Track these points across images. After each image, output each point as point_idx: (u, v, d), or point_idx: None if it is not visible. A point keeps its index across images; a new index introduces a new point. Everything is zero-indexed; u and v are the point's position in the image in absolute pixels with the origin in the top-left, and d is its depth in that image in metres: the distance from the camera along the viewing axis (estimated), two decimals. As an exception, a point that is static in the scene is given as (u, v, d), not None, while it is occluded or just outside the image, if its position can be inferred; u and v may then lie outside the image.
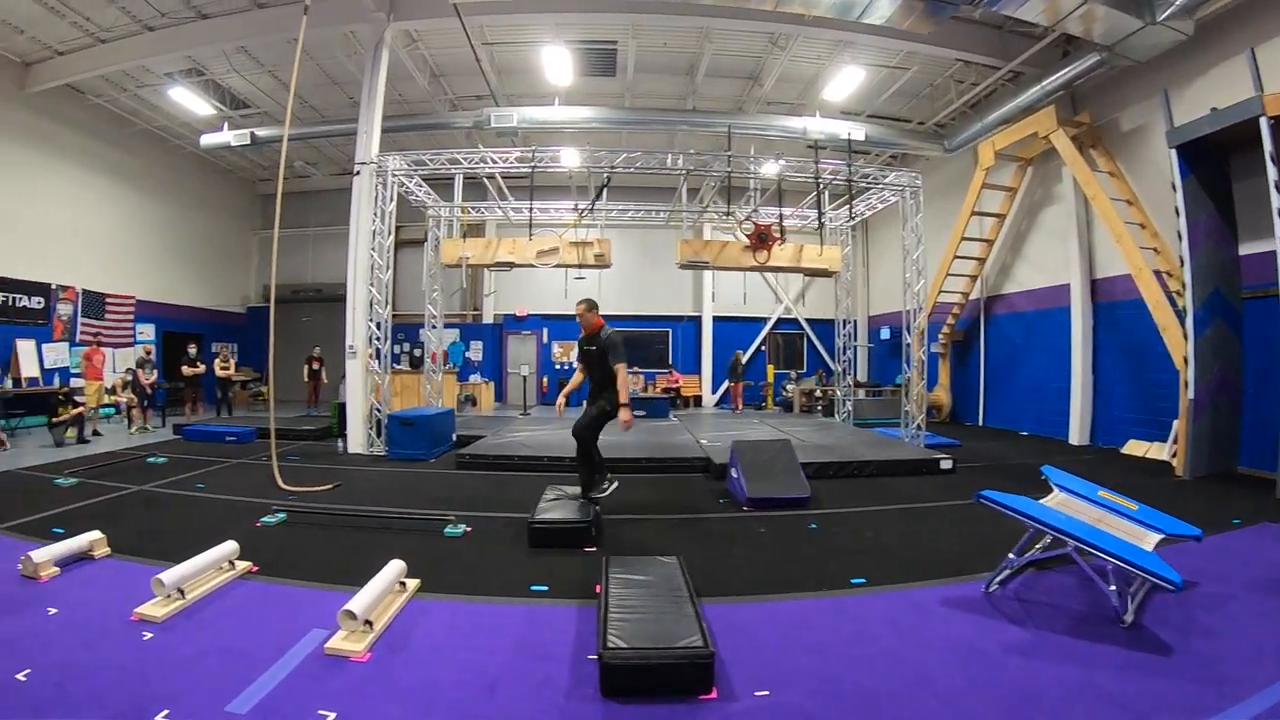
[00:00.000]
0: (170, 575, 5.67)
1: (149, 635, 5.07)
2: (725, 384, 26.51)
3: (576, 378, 9.18)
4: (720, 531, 8.28)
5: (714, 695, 4.22)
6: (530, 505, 8.54)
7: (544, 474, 11.45)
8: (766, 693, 4.27)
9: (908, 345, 15.81)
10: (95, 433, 16.22)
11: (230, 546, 6.61)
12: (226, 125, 20.29)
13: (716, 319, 26.96)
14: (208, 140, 20.55)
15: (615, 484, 8.52)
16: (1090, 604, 5.71)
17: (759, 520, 8.74)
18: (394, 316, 15.40)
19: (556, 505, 8.20)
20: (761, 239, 14.89)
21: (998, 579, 6.06)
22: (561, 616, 5.55)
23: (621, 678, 4.25)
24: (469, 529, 8.14)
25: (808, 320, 27.13)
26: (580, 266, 15.01)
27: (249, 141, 19.65)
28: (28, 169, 18.38)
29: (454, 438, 15.02)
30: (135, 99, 20.16)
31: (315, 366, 21.87)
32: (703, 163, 15.51)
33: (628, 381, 8.21)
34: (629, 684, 4.24)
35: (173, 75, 18.46)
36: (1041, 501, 6.40)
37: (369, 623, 5.11)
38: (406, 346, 24.33)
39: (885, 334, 23.99)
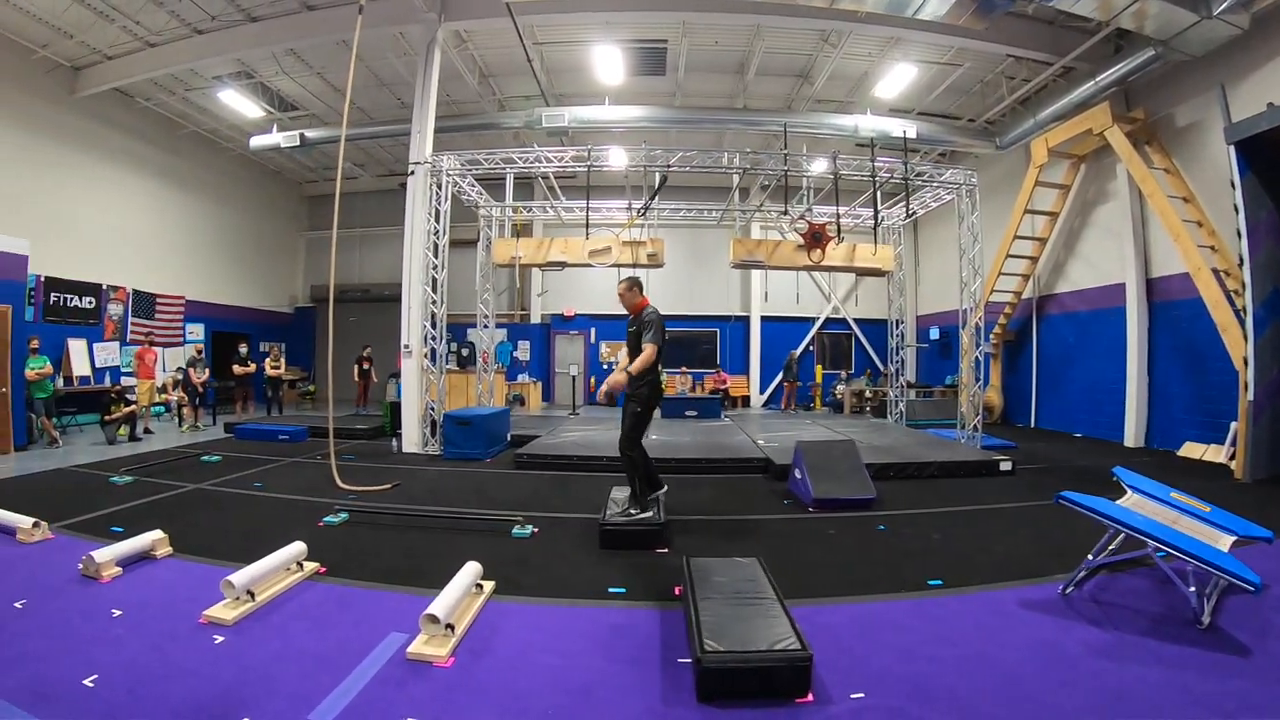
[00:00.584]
0: (240, 577, 5.48)
1: (220, 639, 4.87)
2: (775, 383, 26.21)
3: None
4: (789, 532, 8.04)
5: (810, 699, 4.07)
6: (593, 505, 8.52)
7: (602, 474, 11.20)
8: (862, 695, 4.12)
9: (963, 345, 15.23)
10: (147, 430, 16.20)
11: (298, 547, 6.42)
12: (275, 127, 20.24)
13: (765, 319, 26.58)
14: (257, 142, 20.47)
15: (649, 513, 7.77)
16: (1165, 605, 5.56)
17: (826, 521, 8.47)
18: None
19: (623, 508, 7.92)
20: (816, 238, 14.60)
21: (1074, 581, 5.89)
22: (643, 619, 5.35)
23: (718, 681, 4.08)
24: (536, 530, 7.90)
25: (856, 320, 26.73)
26: (634, 266, 14.68)
27: (299, 143, 19.53)
28: (78, 172, 18.35)
29: (508, 437, 14.79)
30: (184, 102, 20.16)
31: (365, 366, 21.77)
32: (757, 161, 15.11)
33: (649, 362, 7.47)
34: (726, 687, 4.08)
35: (221, 78, 18.41)
36: (1118, 503, 6.21)
37: (450, 626, 4.87)
38: (453, 346, 23.98)
39: (934, 334, 23.68)
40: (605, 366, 26.39)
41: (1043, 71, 16.52)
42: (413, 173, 14.24)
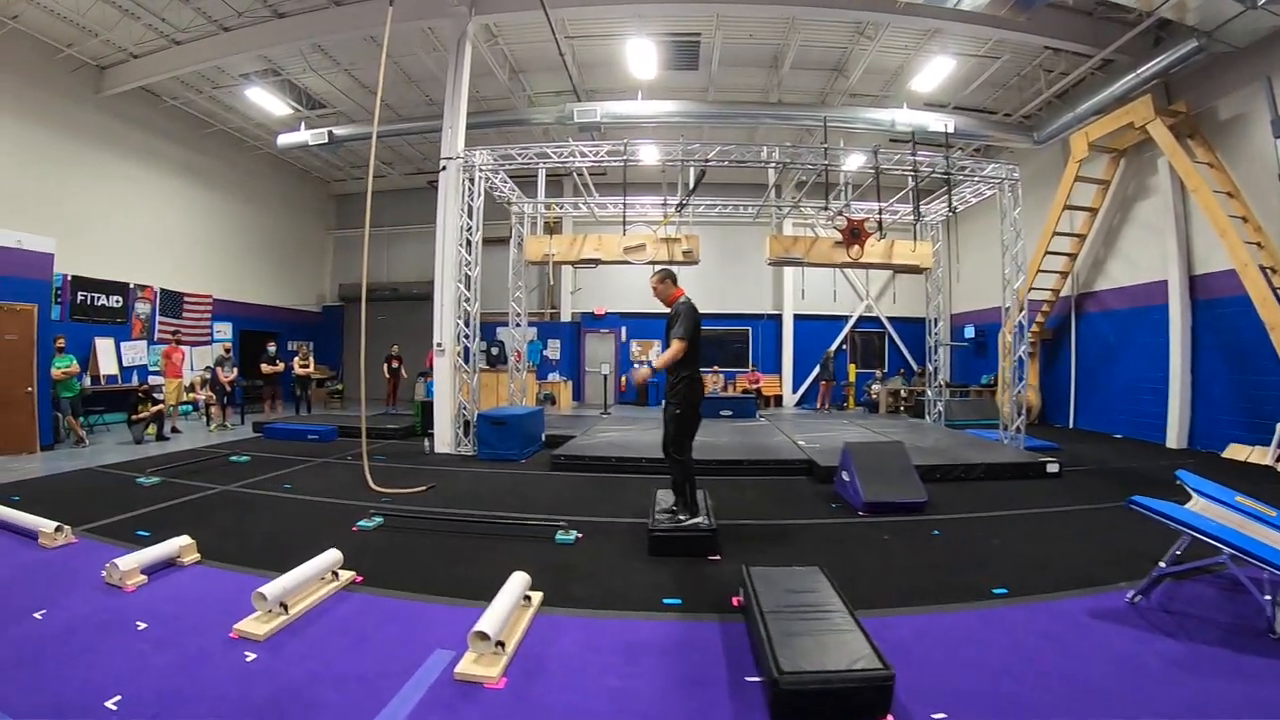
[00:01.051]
0: (272, 588, 5.10)
1: (252, 656, 4.51)
2: (808, 383, 25.71)
3: None
4: (841, 538, 7.69)
5: (889, 719, 3.77)
6: (636, 509, 8.37)
7: (642, 476, 10.90)
8: (943, 716, 3.85)
9: (1006, 344, 14.80)
10: (174, 430, 15.98)
11: (333, 555, 6.03)
12: (303, 125, 19.90)
13: (797, 317, 26.10)
14: (284, 140, 20.17)
15: (699, 518, 7.28)
16: (1234, 615, 5.31)
17: (879, 526, 8.08)
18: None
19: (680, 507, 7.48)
20: (854, 234, 14.08)
21: (1143, 590, 5.62)
22: (703, 633, 5.01)
23: (795, 703, 3.77)
24: (580, 535, 7.49)
25: (889, 319, 26.15)
26: (670, 263, 14.20)
27: (326, 141, 19.20)
28: (105, 171, 18.12)
29: (543, 438, 14.36)
30: (211, 100, 19.88)
31: (394, 365, 21.43)
32: (796, 155, 14.60)
33: (676, 355, 7.01)
34: (802, 709, 3.78)
35: (248, 76, 18.08)
36: (1185, 507, 5.89)
37: (501, 644, 4.52)
38: (483, 345, 23.06)
39: (969, 332, 23.09)
40: (636, 365, 25.56)
41: (1081, 64, 15.94)
42: (444, 168, 13.79)
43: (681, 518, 7.21)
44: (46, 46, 16.05)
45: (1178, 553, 5.58)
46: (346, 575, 6.00)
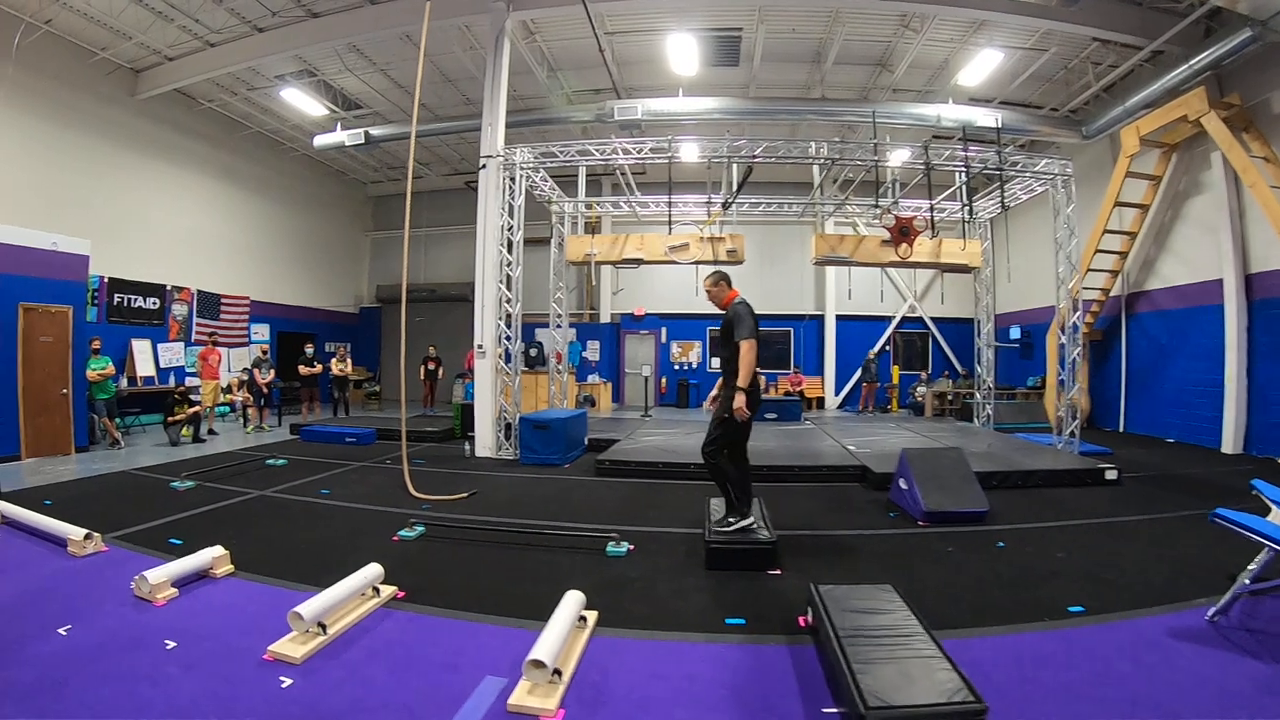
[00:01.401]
0: (310, 608, 4.73)
1: (287, 681, 4.17)
2: (850, 385, 25.04)
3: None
4: (903, 550, 7.22)
5: None
6: (688, 518, 8.07)
7: (691, 482, 10.41)
8: None
9: (1061, 345, 14.27)
10: (211, 431, 15.69)
11: (374, 570, 5.64)
12: (339, 126, 19.62)
13: (840, 318, 25.42)
14: (321, 141, 19.89)
15: (745, 522, 6.88)
16: None
17: (941, 537, 7.61)
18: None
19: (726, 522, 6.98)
20: (903, 232, 13.66)
21: (1222, 607, 5.23)
22: (771, 657, 4.61)
23: None
24: (631, 547, 7.04)
25: (933, 319, 25.44)
26: (714, 262, 13.77)
27: (363, 141, 18.88)
28: (141, 174, 17.95)
29: (585, 441, 13.89)
30: (246, 102, 19.64)
31: (431, 367, 21.07)
32: (844, 150, 14.07)
33: (753, 362, 6.58)
34: None
35: (284, 77, 17.80)
36: (1268, 519, 5.56)
37: (558, 672, 4.11)
38: (520, 346, 22.71)
39: (1014, 334, 22.41)
40: (676, 368, 25.65)
41: (1131, 56, 15.35)
42: (484, 166, 13.33)
43: (730, 520, 6.85)
44: (81, 50, 15.84)
45: (1253, 567, 5.22)
46: (388, 591, 5.61)
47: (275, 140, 22.39)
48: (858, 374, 24.41)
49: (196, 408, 14.95)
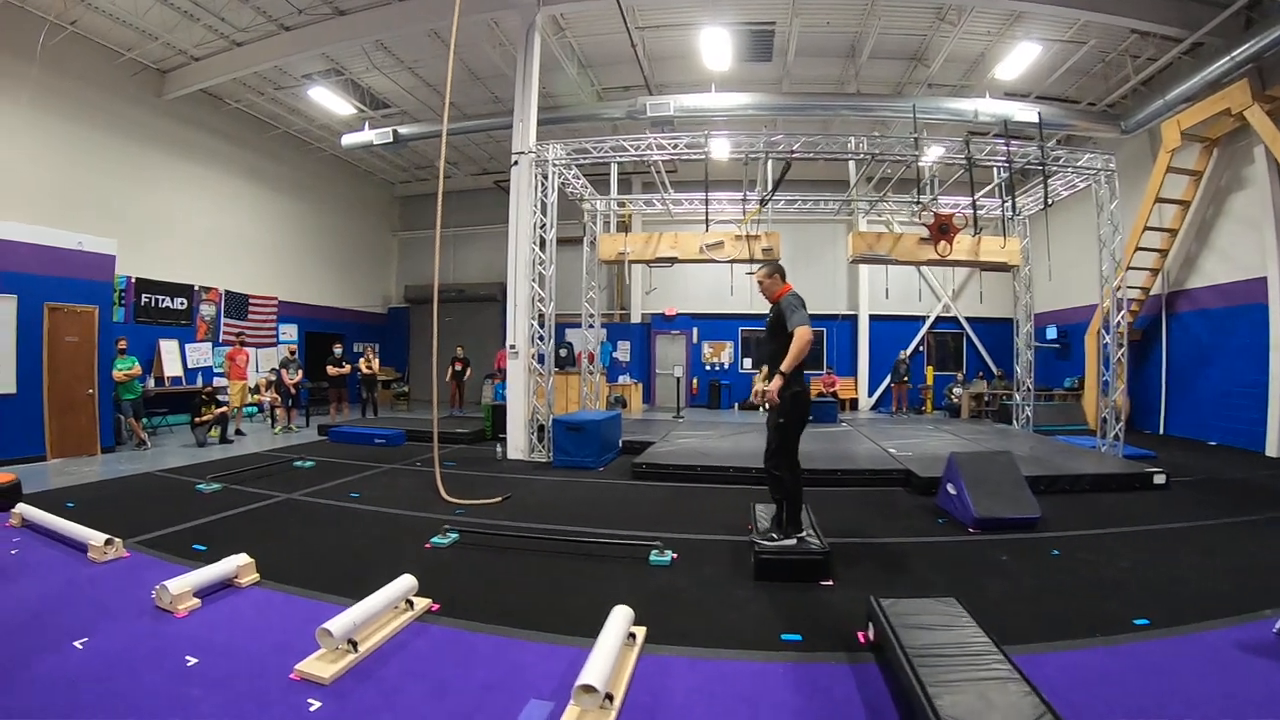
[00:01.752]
0: (339, 624, 4.37)
1: (316, 704, 3.83)
2: (883, 386, 24.40)
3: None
4: (957, 559, 6.82)
5: None
6: (731, 525, 7.72)
7: (731, 486, 10.06)
8: None
9: (1104, 345, 13.73)
10: (238, 432, 15.50)
11: (407, 582, 5.27)
12: (367, 125, 19.35)
13: (873, 318, 24.78)
14: (349, 140, 19.62)
15: (790, 542, 6.31)
16: None
17: (994, 545, 7.20)
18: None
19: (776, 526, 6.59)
20: (943, 229, 13.27)
21: None
22: (832, 677, 4.27)
23: None
24: (675, 555, 6.62)
25: (967, 319, 24.76)
26: (750, 261, 13.39)
27: (391, 140, 18.61)
28: (168, 174, 17.76)
29: (620, 444, 13.45)
30: (273, 102, 19.42)
31: (458, 367, 20.71)
32: (885, 145, 13.53)
33: (803, 351, 6.18)
34: None
35: (311, 76, 17.53)
36: None
37: (609, 696, 3.78)
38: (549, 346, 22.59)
39: (1051, 334, 21.83)
40: (708, 368, 25.12)
41: (1170, 49, 14.91)
42: (516, 163, 12.90)
43: (774, 536, 6.40)
44: (107, 51, 15.64)
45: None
46: (422, 604, 5.24)
47: (303, 140, 22.15)
48: (889, 377, 23.81)
49: (224, 408, 14.65)
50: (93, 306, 12.85)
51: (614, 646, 4.13)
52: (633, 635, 4.60)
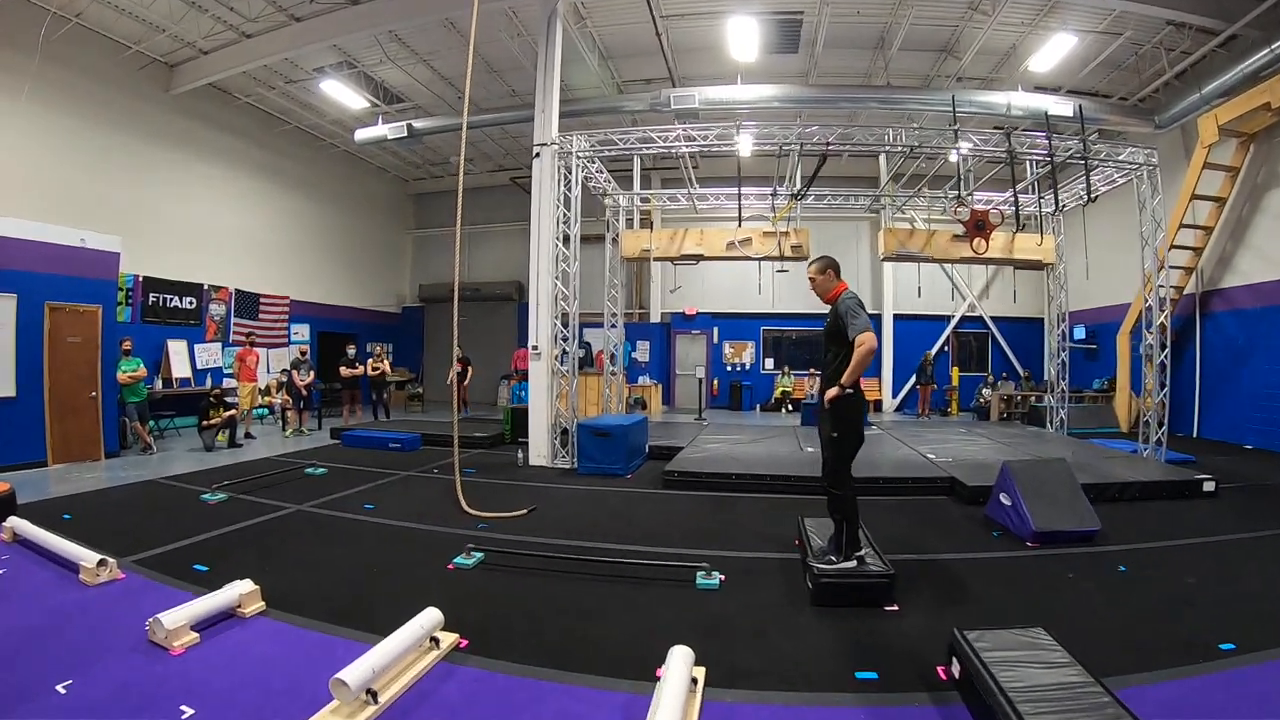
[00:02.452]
0: (355, 673, 3.71)
1: None
2: (908, 387, 23.56)
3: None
4: (1020, 577, 6.25)
5: None
6: (778, 540, 7.12)
7: (770, 495, 9.43)
8: None
9: (1147, 345, 12.93)
10: (248, 435, 14.88)
11: (431, 618, 4.57)
12: (380, 120, 18.72)
13: (897, 317, 24.06)
14: (362, 135, 18.94)
15: (849, 565, 5.62)
16: None
17: (1056, 561, 6.61)
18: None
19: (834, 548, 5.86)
20: (979, 226, 12.63)
21: None
22: None
23: None
24: (723, 577, 5.93)
25: (992, 318, 23.88)
26: (781, 259, 12.76)
27: (405, 134, 18.00)
28: (177, 171, 17.14)
29: (647, 449, 12.68)
30: (284, 96, 18.73)
31: (459, 368, 19.74)
32: (926, 138, 12.82)
33: (866, 361, 5.33)
34: None
35: (323, 69, 16.83)
36: None
37: None
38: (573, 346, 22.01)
39: (1079, 334, 21.08)
40: (729, 369, 24.32)
41: (1207, 41, 14.27)
42: (538, 155, 12.16)
43: (831, 558, 5.69)
44: (113, 44, 15.02)
45: None
46: (448, 639, 4.57)
47: (314, 136, 21.48)
48: (914, 377, 23.05)
49: (232, 411, 13.92)
50: (96, 306, 12.19)
51: (676, 696, 3.50)
52: (694, 679, 3.95)
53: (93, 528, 7.14)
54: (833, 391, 5.43)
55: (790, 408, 22.16)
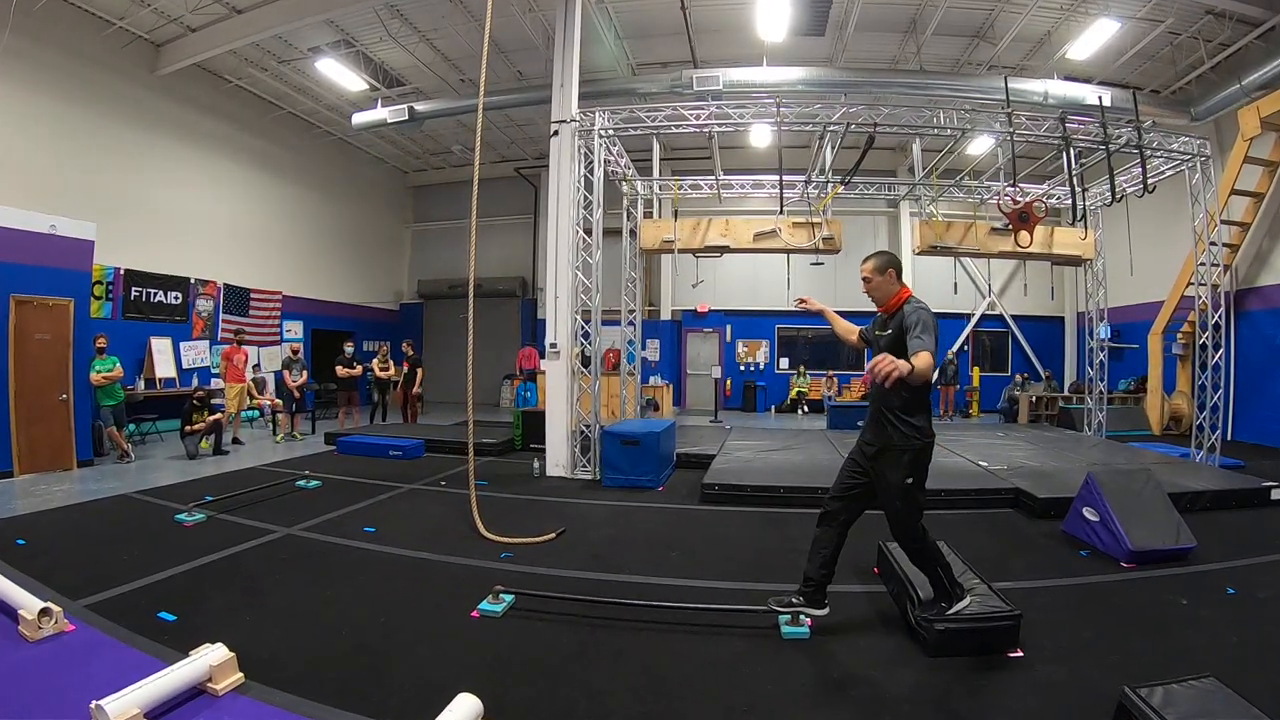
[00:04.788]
0: None
1: None
2: (934, 388, 22.32)
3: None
4: (1129, 605, 5.33)
5: None
6: (849, 565, 5.54)
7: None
8: None
9: (1201, 346, 12.34)
10: (236, 440, 13.56)
11: (467, 711, 3.29)
12: (379, 103, 17.36)
13: (919, 316, 22.68)
14: (360, 118, 17.52)
15: (965, 604, 4.56)
16: None
17: (1159, 584, 5.76)
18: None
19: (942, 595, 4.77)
20: (1022, 218, 11.56)
21: None
22: None
23: None
24: (810, 620, 4.70)
25: (1013, 317, 22.69)
26: (816, 251, 11.61)
27: (407, 118, 16.62)
28: (164, 158, 15.80)
29: (675, 456, 11.36)
30: (277, 78, 17.30)
31: (406, 369, 17.91)
32: (979, 121, 11.58)
33: (928, 369, 4.11)
34: None
35: (318, 48, 15.45)
36: None
37: None
38: (589, 345, 20.73)
39: (1105, 333, 20.04)
40: (741, 368, 23.09)
41: (1245, 33, 13.47)
42: (556, 133, 10.83)
43: (943, 605, 4.56)
44: (94, 19, 13.69)
45: None
46: None
47: (309, 123, 20.13)
48: (934, 375, 21.71)
49: (218, 415, 12.54)
50: (67, 299, 10.85)
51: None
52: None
53: (47, 558, 5.97)
54: (895, 366, 3.80)
55: (806, 409, 21.10)
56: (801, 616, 4.69)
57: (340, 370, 15.74)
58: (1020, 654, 4.34)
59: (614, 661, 4.30)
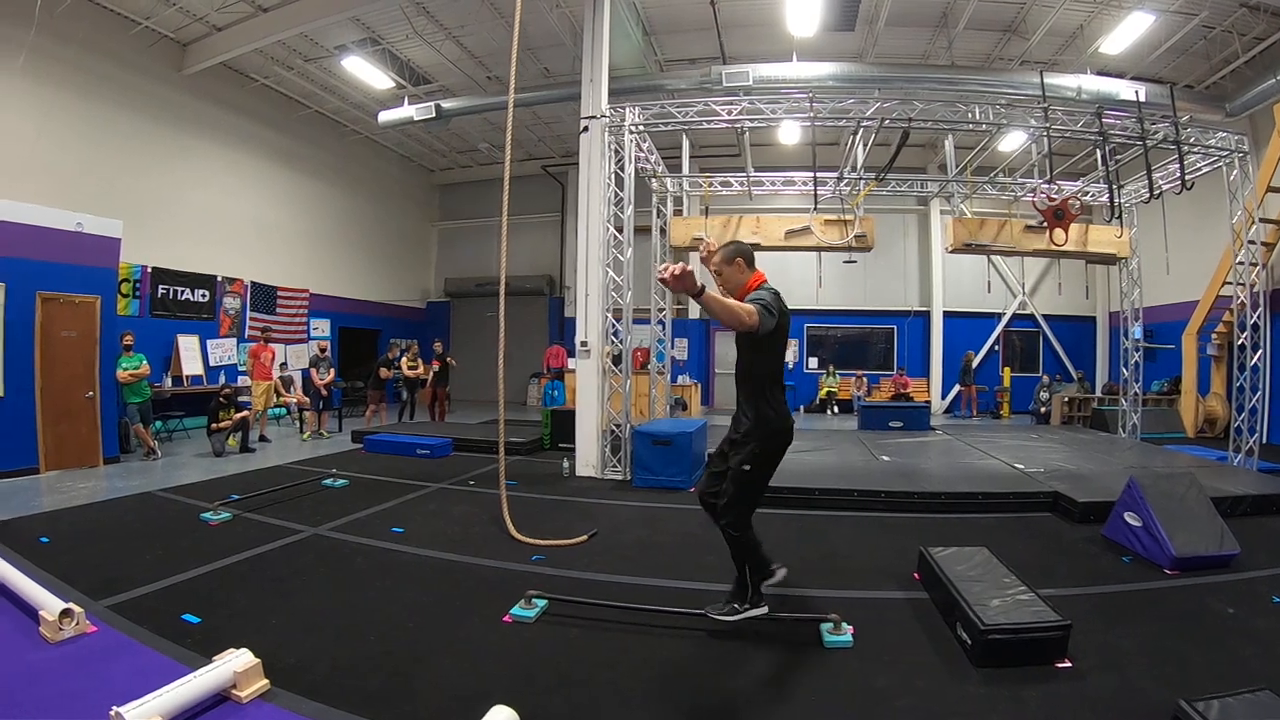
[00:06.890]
0: None
1: None
2: (955, 388, 21.92)
3: None
4: (1172, 614, 5.10)
5: None
6: (887, 570, 5.96)
7: (858, 514, 8.06)
8: None
9: (1239, 347, 11.94)
10: (262, 438, 13.47)
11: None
12: (406, 101, 17.24)
13: (947, 315, 22.22)
14: (386, 116, 17.39)
15: (759, 611, 4.55)
16: None
17: (1204, 592, 5.55)
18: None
19: (988, 592, 4.69)
20: (1058, 215, 11.37)
21: None
22: None
23: None
24: (852, 628, 4.54)
25: (1044, 316, 22.14)
26: (850, 249, 11.43)
27: (434, 115, 16.47)
28: (191, 156, 15.77)
29: (707, 456, 11.13)
30: (303, 77, 17.22)
31: (437, 367, 17.82)
32: (1014, 117, 11.39)
33: (734, 316, 3.90)
34: None
35: (344, 46, 15.34)
36: None
37: None
38: (620, 344, 20.56)
39: (1137, 333, 19.70)
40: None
41: (1280, 26, 12.92)
42: (585, 129, 10.62)
43: (735, 605, 4.59)
44: (120, 19, 13.63)
45: None
46: None
47: (336, 122, 20.04)
48: (959, 377, 21.57)
49: (244, 413, 12.42)
50: (94, 297, 10.76)
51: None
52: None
53: (71, 556, 5.84)
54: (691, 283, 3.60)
55: (836, 409, 20.82)
56: (844, 625, 4.53)
57: (384, 372, 15.79)
58: (1069, 664, 4.18)
59: (648, 666, 4.16)
